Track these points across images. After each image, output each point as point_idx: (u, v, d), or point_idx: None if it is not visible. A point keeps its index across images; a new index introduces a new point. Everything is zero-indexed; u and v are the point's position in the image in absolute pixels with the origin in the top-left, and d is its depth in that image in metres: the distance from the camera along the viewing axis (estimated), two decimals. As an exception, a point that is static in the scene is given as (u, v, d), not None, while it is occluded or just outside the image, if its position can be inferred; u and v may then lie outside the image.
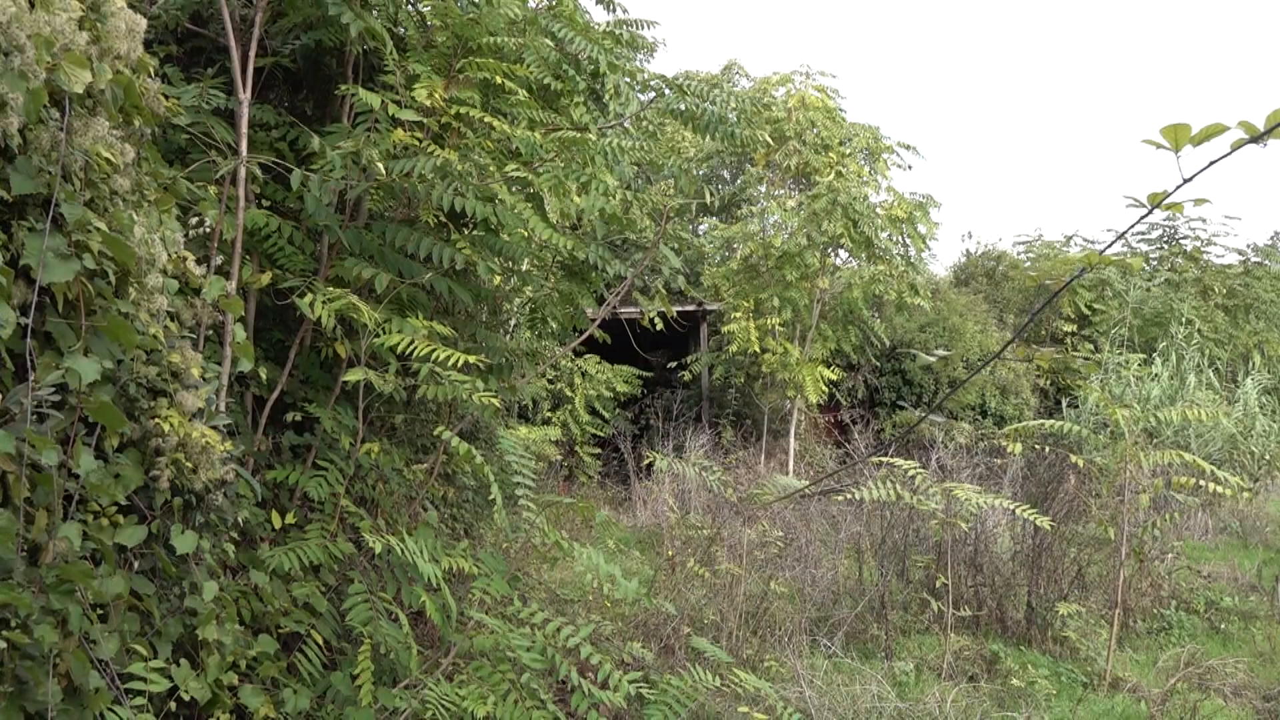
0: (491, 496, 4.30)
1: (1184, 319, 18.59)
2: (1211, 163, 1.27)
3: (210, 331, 3.87)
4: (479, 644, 4.00)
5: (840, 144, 14.90)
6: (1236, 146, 1.23)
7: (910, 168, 15.34)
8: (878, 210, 13.88)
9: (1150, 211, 1.33)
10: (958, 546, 7.62)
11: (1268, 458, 15.38)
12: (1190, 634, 7.85)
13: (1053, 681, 6.25)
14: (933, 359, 10.69)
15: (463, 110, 4.87)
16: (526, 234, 5.53)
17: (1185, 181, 1.30)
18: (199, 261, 3.57)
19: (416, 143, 4.61)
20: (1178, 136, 1.25)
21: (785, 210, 14.20)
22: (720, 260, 16.02)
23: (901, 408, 15.83)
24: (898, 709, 5.24)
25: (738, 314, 13.96)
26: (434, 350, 4.31)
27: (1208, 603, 8.52)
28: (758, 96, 15.46)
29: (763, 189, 16.56)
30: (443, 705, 3.49)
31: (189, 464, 3.04)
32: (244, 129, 4.32)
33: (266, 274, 4.41)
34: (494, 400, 4.39)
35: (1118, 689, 6.38)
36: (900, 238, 14.32)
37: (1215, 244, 21.09)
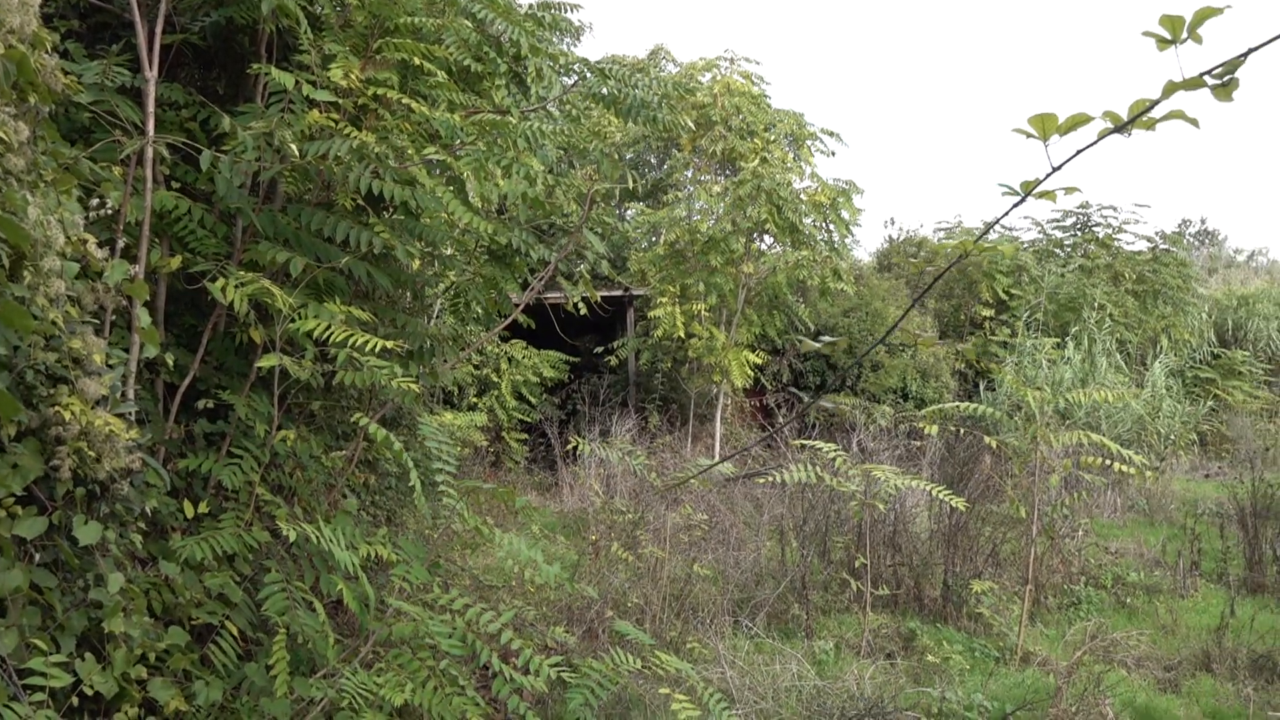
0: (412, 483, 4.26)
1: (1096, 304, 19.18)
2: (1078, 151, 1.32)
3: (116, 317, 3.76)
4: (398, 631, 3.97)
5: (765, 130, 15.01)
6: (1102, 135, 1.27)
7: (834, 154, 15.55)
8: (802, 196, 14.02)
9: (1023, 199, 1.37)
10: (877, 527, 7.78)
11: (1173, 438, 15.98)
12: (1098, 609, 8.13)
13: (966, 657, 6.42)
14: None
15: (380, 92, 4.79)
16: (448, 218, 5.48)
17: (1055, 170, 1.34)
18: (102, 244, 3.46)
19: (332, 124, 4.52)
20: (1045, 126, 1.29)
21: (711, 196, 14.27)
22: (647, 245, 16.05)
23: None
24: (816, 687, 5.34)
25: (664, 299, 14.01)
26: (351, 335, 4.24)
27: (1115, 578, 8.83)
28: (683, 82, 15.47)
29: (689, 174, 16.62)
30: (359, 694, 3.46)
31: (92, 453, 2.96)
32: (151, 108, 4.19)
33: (176, 257, 4.30)
34: (414, 386, 4.34)
35: (1028, 663, 6.59)
36: (824, 223, 14.50)
37: (1126, 231, 21.78)
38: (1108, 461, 7.05)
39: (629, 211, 18.43)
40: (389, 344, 4.32)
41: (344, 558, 3.58)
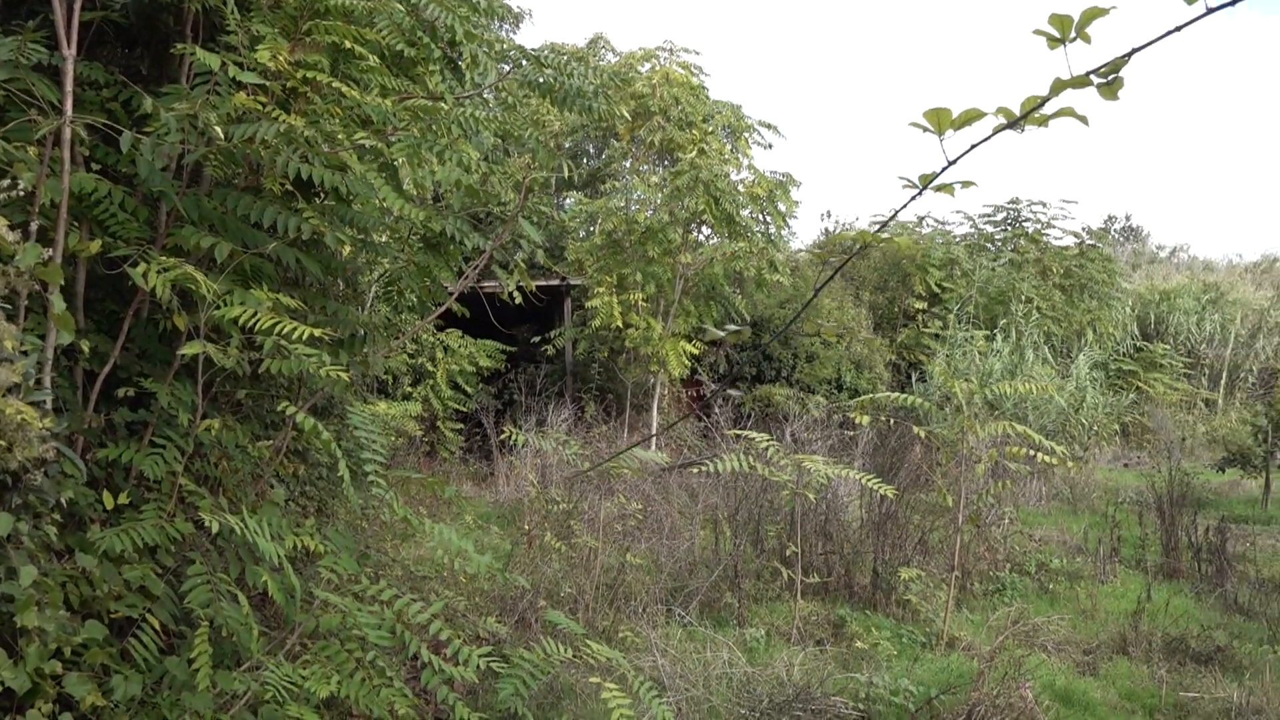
0: (340, 473, 4.21)
1: (1024, 297, 19.63)
2: (972, 146, 1.35)
3: (30, 302, 3.65)
4: (325, 623, 3.92)
5: (703, 121, 15.06)
6: (997, 130, 1.30)
7: (771, 146, 15.63)
8: (739, 188, 14.11)
9: (921, 192, 1.40)
10: (809, 516, 7.89)
11: (1096, 429, 16.42)
12: (1022, 594, 8.34)
13: (894, 643, 6.54)
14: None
15: (310, 75, 4.70)
16: (380, 204, 5.41)
17: (950, 164, 1.37)
18: (15, 227, 3.35)
19: (260, 107, 4.43)
20: (940, 121, 1.32)
21: (649, 186, 14.29)
22: (584, 235, 16.01)
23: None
24: (746, 674, 5.40)
25: (601, 289, 14.00)
26: (279, 323, 4.17)
27: (1039, 565, 9.07)
28: (622, 71, 15.48)
29: (627, 164, 16.61)
30: (283, 686, 3.41)
31: (3, 442, 2.87)
32: (69, 87, 4.06)
33: (96, 241, 4.18)
34: (343, 375, 4.29)
35: (954, 648, 6.74)
36: (761, 215, 14.61)
37: (1054, 227, 22.31)
38: (1031, 451, 7.22)
39: (567, 201, 18.37)
40: (317, 331, 4.25)
41: (268, 549, 3.52)
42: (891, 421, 9.37)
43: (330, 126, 4.79)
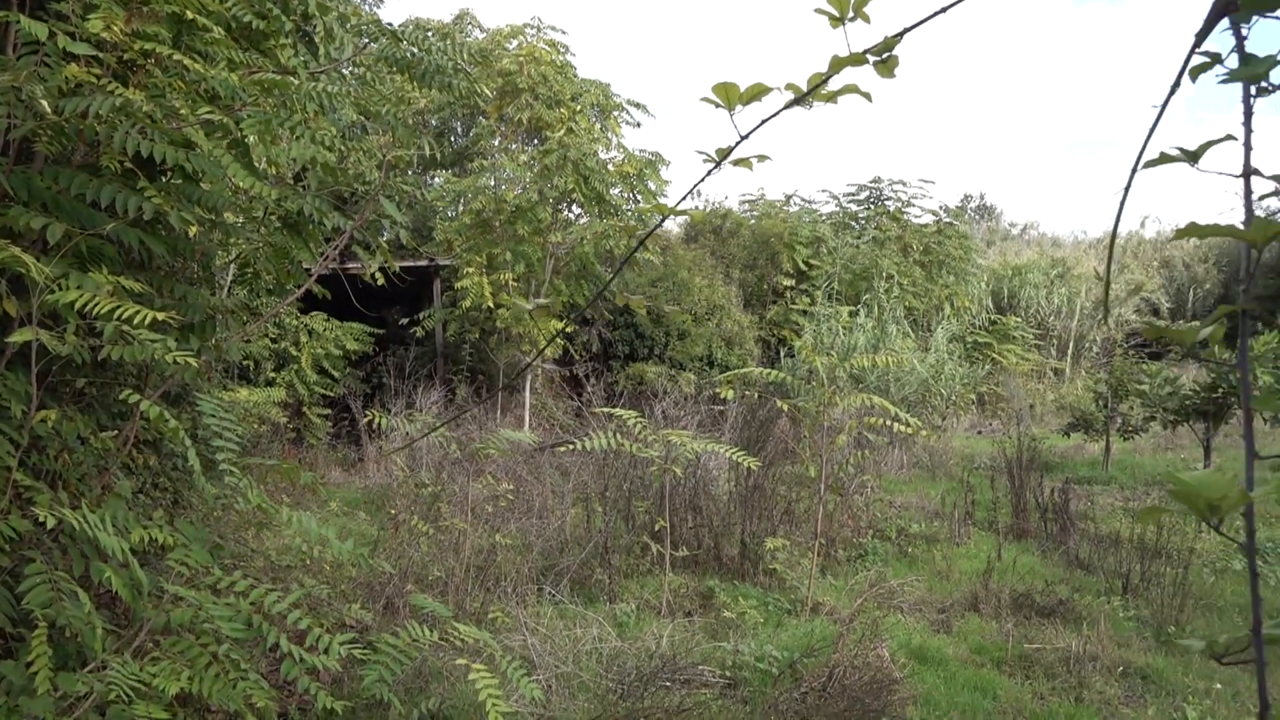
0: (190, 462, 4.06)
1: (886, 274, 20.31)
2: (763, 120, 1.39)
3: None
4: (177, 618, 3.79)
5: (572, 99, 15.00)
6: (787, 106, 1.35)
7: (640, 125, 15.75)
8: (609, 166, 14.14)
9: (717, 165, 1.44)
10: (679, 490, 8.01)
11: (954, 399, 17.16)
12: (883, 559, 8.68)
13: (761, 611, 6.73)
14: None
15: (150, 47, 4.48)
16: (233, 183, 5.21)
17: (743, 139, 1.41)
18: None
19: (94, 80, 4.20)
20: (729, 96, 1.36)
21: (517, 165, 14.17)
22: (453, 215, 15.78)
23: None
24: (616, 648, 5.47)
25: (471, 269, 13.84)
26: (120, 308, 3.98)
27: (899, 530, 9.45)
28: (489, 49, 15.27)
29: (495, 142, 16.42)
30: (130, 685, 3.28)
31: None
32: (-126, 56, 3.77)
33: (-90, 223, 3.90)
34: (192, 361, 4.13)
35: (818, 613, 6.97)
36: (631, 194, 14.68)
37: (914, 205, 23.13)
38: (889, 422, 7.50)
39: (435, 180, 18.05)
40: (162, 316, 4.08)
41: (110, 543, 3.38)
42: (759, 396, 9.58)
43: (173, 101, 4.59)
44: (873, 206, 23.44)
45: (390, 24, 5.98)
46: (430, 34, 6.30)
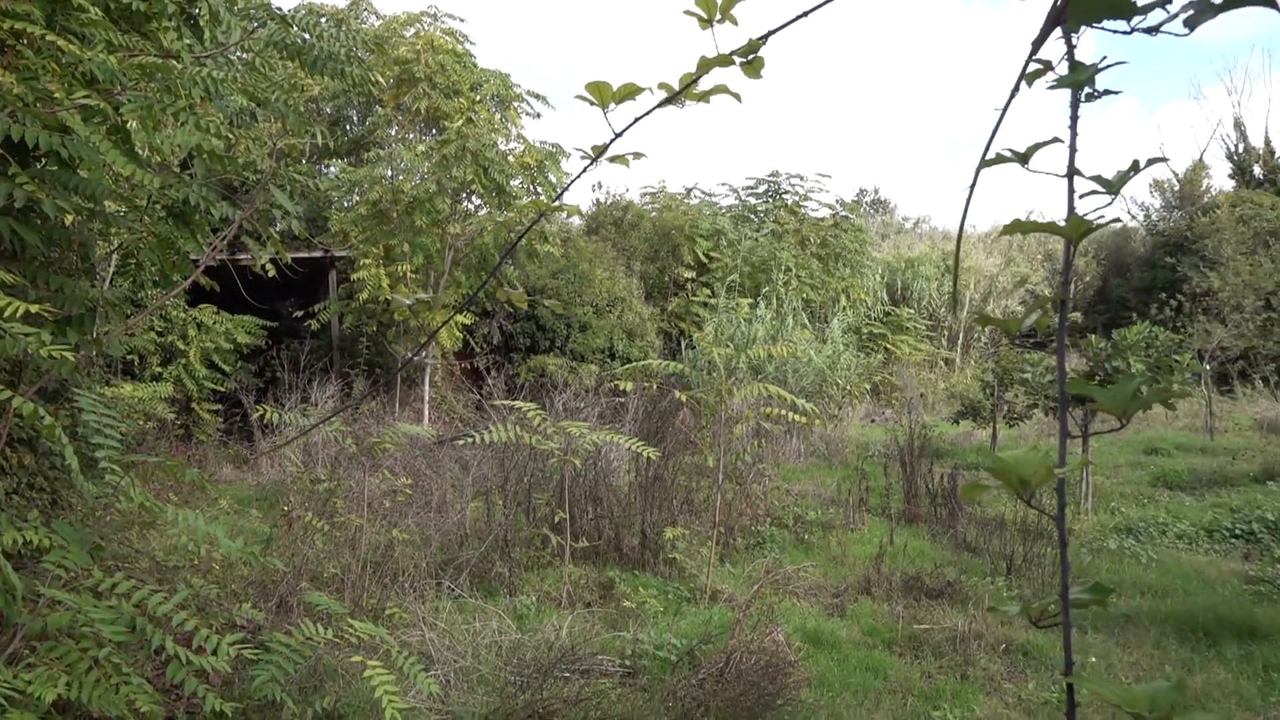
0: (68, 461, 3.91)
1: (785, 266, 20.66)
2: (636, 119, 1.42)
3: None
4: (54, 622, 3.64)
5: (471, 89, 14.85)
6: (659, 105, 1.39)
7: (540, 116, 15.67)
8: (509, 158, 14.03)
9: (593, 162, 1.47)
10: (579, 482, 8.03)
11: (849, 388, 17.56)
12: (780, 546, 8.86)
13: (661, 600, 6.80)
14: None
15: (20, 26, 4.29)
16: (112, 170, 5.02)
17: (616, 136, 1.44)
18: None
19: (-43, 61, 4.00)
20: (602, 94, 1.39)
21: (415, 155, 13.96)
22: (349, 205, 15.47)
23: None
24: (516, 640, 5.47)
25: (368, 260, 13.59)
26: (-13, 300, 3.80)
27: (796, 517, 9.64)
28: (385, 36, 15.00)
29: (393, 132, 16.15)
30: (2, 693, 3.15)
31: None
32: None
33: None
34: (68, 355, 3.97)
35: (716, 600, 7.08)
36: (532, 185, 14.60)
37: (811, 199, 23.60)
38: (783, 411, 7.66)
39: (331, 169, 17.65)
40: (34, 308, 3.91)
41: (-19, 546, 3.23)
42: (659, 388, 9.67)
43: (47, 84, 4.40)
44: (771, 200, 23.82)
45: (280, 8, 5.84)
46: (324, 19, 6.19)
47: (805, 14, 1.25)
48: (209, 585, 4.91)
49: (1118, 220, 1.13)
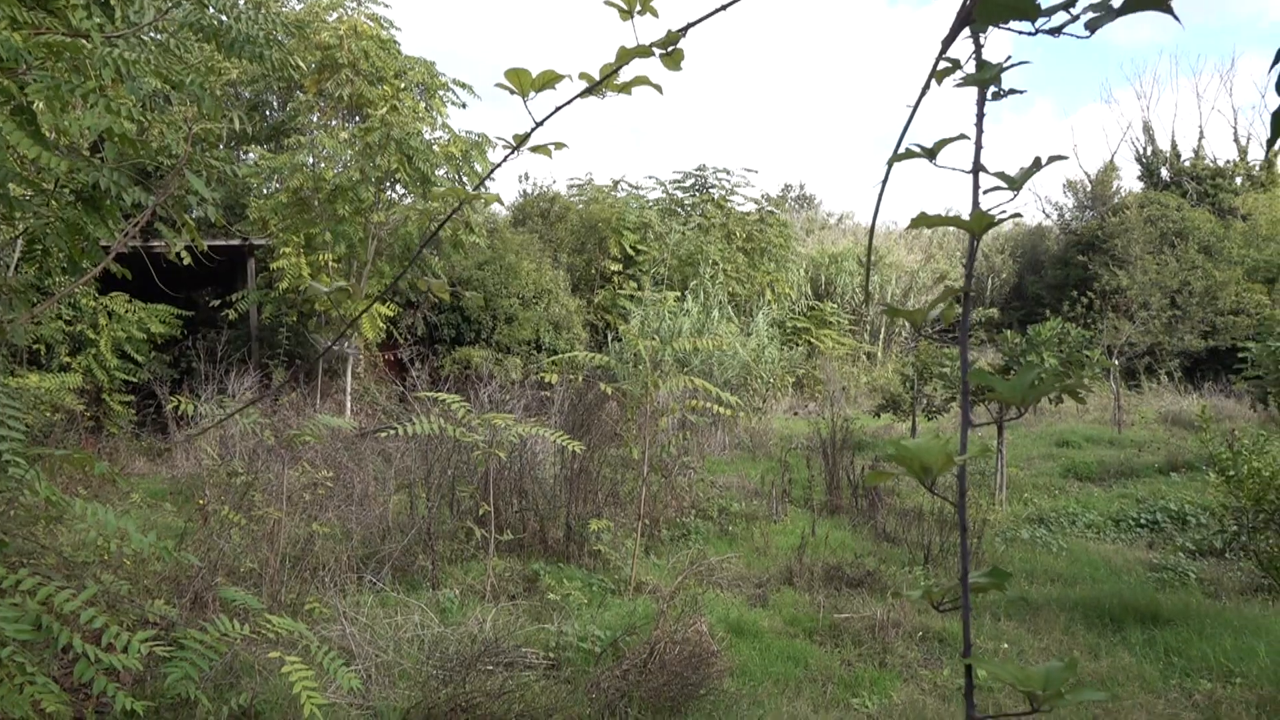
0: (-33, 454, 3.76)
1: (711, 260, 20.80)
2: (557, 108, 1.43)
3: None
4: (-47, 621, 3.51)
5: (395, 77, 14.64)
6: (580, 95, 1.39)
7: (465, 106, 15.50)
8: (434, 147, 13.87)
9: (514, 151, 1.47)
10: (504, 475, 7.99)
11: (773, 381, 17.76)
12: (705, 537, 8.93)
13: (585, 592, 6.80)
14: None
15: (-85, 0, 4.11)
16: (20, 152, 4.84)
17: (537, 125, 1.44)
18: None
19: None
20: (522, 82, 1.39)
21: (338, 142, 13.71)
22: (268, 192, 15.13)
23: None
24: (438, 634, 5.43)
25: (288, 249, 13.32)
26: (-119, 286, 3.64)
27: (720, 509, 9.73)
28: (307, 20, 14.69)
29: (314, 118, 15.83)
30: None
31: None
32: None
33: None
34: (-32, 343, 3.83)
35: (641, 592, 7.11)
36: (457, 175, 14.45)
37: (738, 194, 23.77)
38: (710, 404, 7.72)
39: (250, 156, 17.24)
40: (-68, 295, 3.76)
41: (-127, 542, 3.10)
42: (585, 380, 9.66)
43: (-56, 62, 4.22)
44: (698, 194, 23.94)
45: (200, -10, 5.67)
46: (242, 1, 6.04)
47: (724, 7, 1.26)
48: (120, 582, 4.77)
49: (1019, 215, 1.17)
